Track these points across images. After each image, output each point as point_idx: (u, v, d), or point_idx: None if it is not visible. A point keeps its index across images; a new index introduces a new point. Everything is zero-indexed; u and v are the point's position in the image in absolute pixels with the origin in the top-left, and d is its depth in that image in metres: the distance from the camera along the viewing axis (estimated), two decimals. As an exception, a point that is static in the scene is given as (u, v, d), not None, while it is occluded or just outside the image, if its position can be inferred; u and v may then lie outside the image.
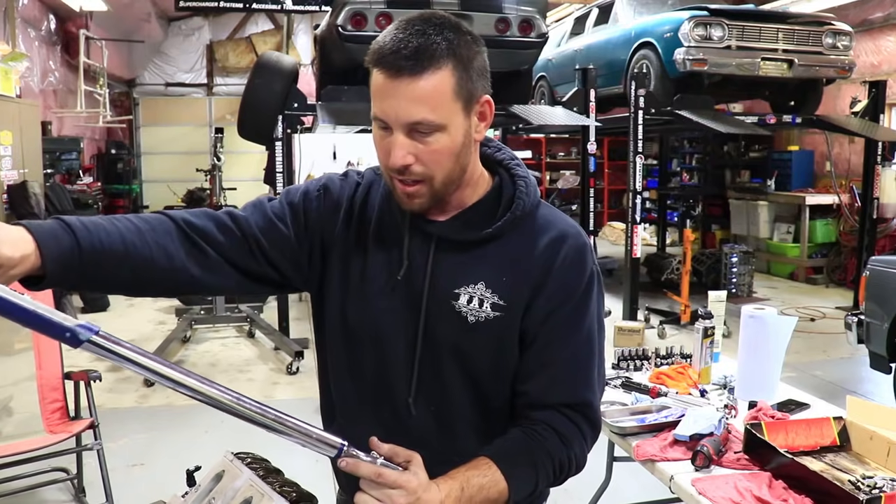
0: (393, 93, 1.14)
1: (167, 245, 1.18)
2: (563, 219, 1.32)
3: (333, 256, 1.32)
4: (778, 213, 10.15)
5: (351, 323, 1.31)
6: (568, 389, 1.27)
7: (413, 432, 1.28)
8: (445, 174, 1.21)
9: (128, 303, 8.37)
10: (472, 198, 1.30)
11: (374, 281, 1.29)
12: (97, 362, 6.01)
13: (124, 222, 1.16)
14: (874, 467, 2.03)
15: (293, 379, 5.70)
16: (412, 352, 1.28)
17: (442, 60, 1.14)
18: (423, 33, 1.15)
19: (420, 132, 1.16)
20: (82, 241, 1.09)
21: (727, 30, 6.57)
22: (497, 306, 1.24)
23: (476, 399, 1.30)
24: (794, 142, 10.81)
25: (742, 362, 2.56)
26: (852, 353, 5.91)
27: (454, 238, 1.27)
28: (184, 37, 13.32)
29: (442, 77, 1.14)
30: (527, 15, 6.41)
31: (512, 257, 1.26)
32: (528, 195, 1.28)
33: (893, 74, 8.95)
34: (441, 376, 1.28)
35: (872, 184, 7.74)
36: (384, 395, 1.31)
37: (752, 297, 8.10)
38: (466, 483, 1.14)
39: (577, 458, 1.28)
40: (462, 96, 1.18)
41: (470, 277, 1.25)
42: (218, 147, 6.39)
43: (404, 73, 1.13)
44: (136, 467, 4.10)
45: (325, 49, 6.80)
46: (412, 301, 1.27)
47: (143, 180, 13.25)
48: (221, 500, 1.25)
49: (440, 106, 1.15)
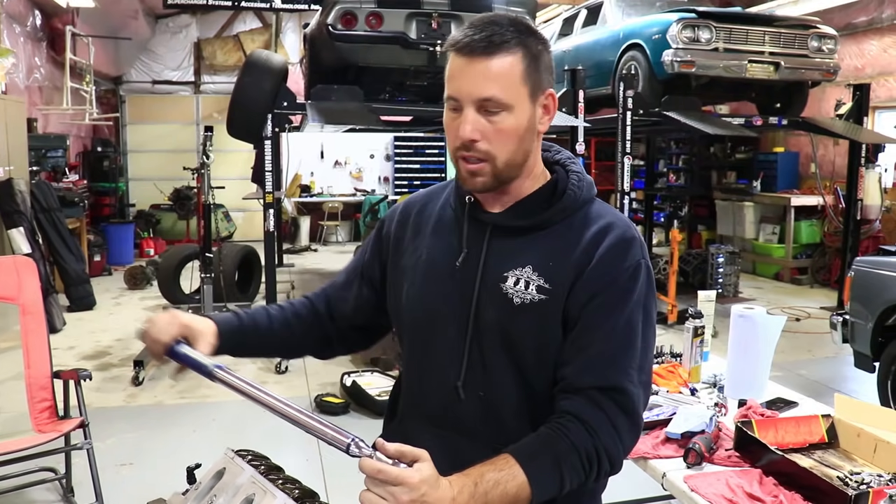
0: (467, 71, 1.25)
1: (304, 335, 1.54)
2: (613, 213, 1.38)
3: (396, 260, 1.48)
4: (763, 214, 10.24)
5: (410, 311, 1.42)
6: (599, 372, 1.25)
7: (462, 418, 1.33)
8: (508, 155, 1.28)
9: (115, 301, 8.33)
10: (528, 190, 1.36)
11: (434, 269, 1.39)
12: (89, 360, 6.01)
13: (279, 319, 1.52)
14: (861, 464, 2.07)
15: (282, 378, 5.69)
16: (463, 336, 1.33)
17: (513, 47, 1.25)
18: (496, 23, 1.26)
19: (488, 110, 1.25)
20: (239, 341, 1.46)
21: (715, 32, 6.62)
22: (542, 289, 1.29)
23: (521, 385, 1.33)
24: (779, 143, 10.91)
25: (732, 361, 2.59)
26: (837, 353, 5.98)
27: (507, 224, 1.35)
28: (171, 34, 13.23)
29: (513, 60, 1.25)
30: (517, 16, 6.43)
31: (560, 244, 1.32)
32: (581, 189, 1.37)
33: (877, 77, 9.05)
34: (489, 361, 1.33)
35: (856, 185, 7.82)
36: (437, 381, 1.37)
37: (739, 297, 8.17)
38: (480, 478, 1.13)
39: (609, 449, 1.23)
40: (529, 83, 1.27)
41: (519, 261, 1.32)
42: (207, 145, 6.35)
43: (477, 53, 1.24)
44: (125, 467, 4.08)
45: (315, 48, 6.79)
46: (466, 287, 1.34)
47: (130, 178, 13.15)
48: (223, 498, 1.25)
49: (509, 86, 1.25)
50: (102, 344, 6.55)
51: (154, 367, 5.78)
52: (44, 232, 7.40)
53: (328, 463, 3.96)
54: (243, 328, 1.46)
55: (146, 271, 9.15)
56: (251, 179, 10.11)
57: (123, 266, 9.89)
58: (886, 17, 9.08)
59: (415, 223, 1.48)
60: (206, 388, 5.42)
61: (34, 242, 7.02)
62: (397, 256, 1.48)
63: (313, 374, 5.70)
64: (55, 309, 6.96)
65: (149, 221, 12.12)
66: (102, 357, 6.16)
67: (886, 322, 4.37)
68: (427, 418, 1.40)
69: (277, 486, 1.22)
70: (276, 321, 1.51)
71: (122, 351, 6.30)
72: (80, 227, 8.96)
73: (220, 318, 1.43)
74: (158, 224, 12.25)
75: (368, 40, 6.17)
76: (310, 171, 13.79)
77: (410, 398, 1.47)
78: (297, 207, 13.44)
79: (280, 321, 1.52)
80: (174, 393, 5.32)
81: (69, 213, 8.32)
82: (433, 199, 1.51)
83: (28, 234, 6.90)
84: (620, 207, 6.96)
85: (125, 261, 10.43)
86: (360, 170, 14.25)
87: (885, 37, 9.13)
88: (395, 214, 1.54)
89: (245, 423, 4.80)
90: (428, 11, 6.22)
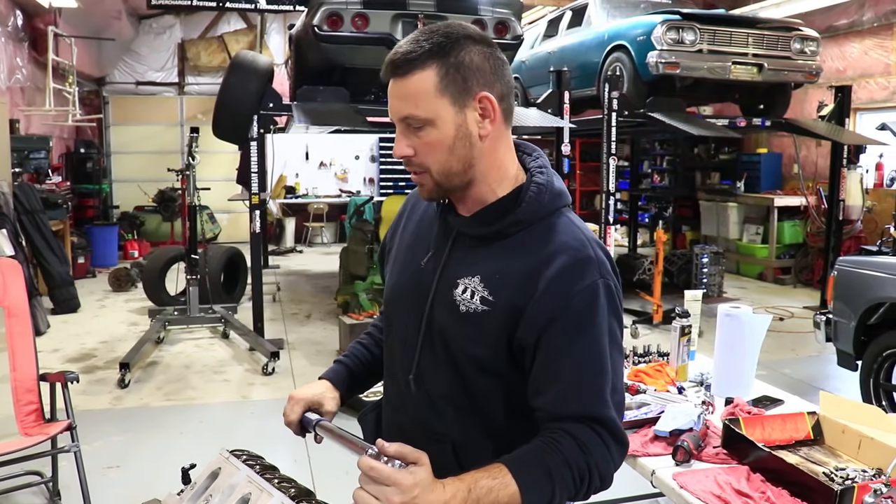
0: (390, 93, 1.32)
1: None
2: (574, 230, 1.34)
3: (389, 249, 1.58)
4: (747, 215, 10.32)
5: (387, 304, 1.52)
6: (578, 404, 1.26)
7: (411, 409, 1.41)
8: (440, 165, 1.31)
9: (99, 304, 8.27)
10: (493, 197, 1.36)
11: (406, 263, 1.45)
12: (74, 363, 5.96)
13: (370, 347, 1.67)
14: (846, 459, 2.10)
15: (268, 380, 5.67)
16: (417, 333, 1.39)
17: (425, 61, 1.27)
18: (416, 41, 1.29)
19: (412, 126, 1.30)
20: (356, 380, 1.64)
21: (699, 34, 6.67)
22: (485, 300, 1.31)
23: (460, 385, 1.36)
24: (762, 144, 11.00)
25: (718, 360, 2.61)
26: (820, 352, 6.04)
27: (468, 232, 1.38)
28: (155, 35, 13.15)
29: (425, 76, 1.27)
30: (502, 17, 6.46)
31: (511, 258, 1.32)
32: (540, 201, 1.34)
33: (858, 79, 9.16)
34: (436, 360, 1.37)
35: (838, 186, 7.90)
36: (396, 371, 1.45)
37: (723, 297, 8.23)
38: (474, 485, 1.15)
39: (599, 466, 1.25)
40: (448, 93, 1.28)
41: (471, 270, 1.35)
42: (193, 146, 6.33)
43: (396, 75, 1.30)
44: (112, 469, 4.06)
45: (301, 49, 6.79)
46: (426, 286, 1.39)
47: (114, 180, 13.06)
48: (218, 498, 1.25)
49: (424, 102, 1.28)
50: (87, 346, 6.51)
51: (139, 370, 5.77)
52: (27, 234, 7.34)
53: (316, 465, 3.96)
54: (352, 372, 1.62)
55: (131, 273, 9.10)
56: (236, 181, 10.10)
57: (108, 268, 9.83)
58: (867, 20, 9.18)
59: (407, 215, 1.57)
60: (193, 391, 5.40)
61: (17, 245, 6.95)
62: (391, 248, 1.58)
63: (300, 376, 5.70)
64: (39, 311, 6.90)
65: (133, 223, 12.04)
66: (87, 360, 6.12)
67: (869, 321, 4.43)
68: (390, 403, 1.51)
69: (273, 486, 1.22)
70: (372, 347, 1.67)
71: (108, 353, 6.27)
72: (63, 229, 8.88)
73: (332, 373, 1.60)
74: (143, 226, 12.18)
75: (354, 41, 6.17)
76: (295, 172, 13.75)
77: (384, 383, 1.57)
78: (282, 209, 13.39)
79: (375, 344, 1.67)
80: (160, 395, 5.29)
81: (52, 214, 8.26)
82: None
83: (11, 236, 6.84)
84: (605, 208, 7.00)
85: (109, 263, 10.36)
86: (345, 171, 14.23)
87: (865, 39, 9.24)
88: (397, 218, 1.62)
89: (232, 424, 4.80)
90: (414, 13, 6.23)
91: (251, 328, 6.43)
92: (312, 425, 1.43)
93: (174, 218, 11.27)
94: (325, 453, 4.05)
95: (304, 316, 7.83)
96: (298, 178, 13.86)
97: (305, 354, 6.33)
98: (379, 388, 1.64)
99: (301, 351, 6.44)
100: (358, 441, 1.27)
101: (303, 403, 1.47)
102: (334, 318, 7.31)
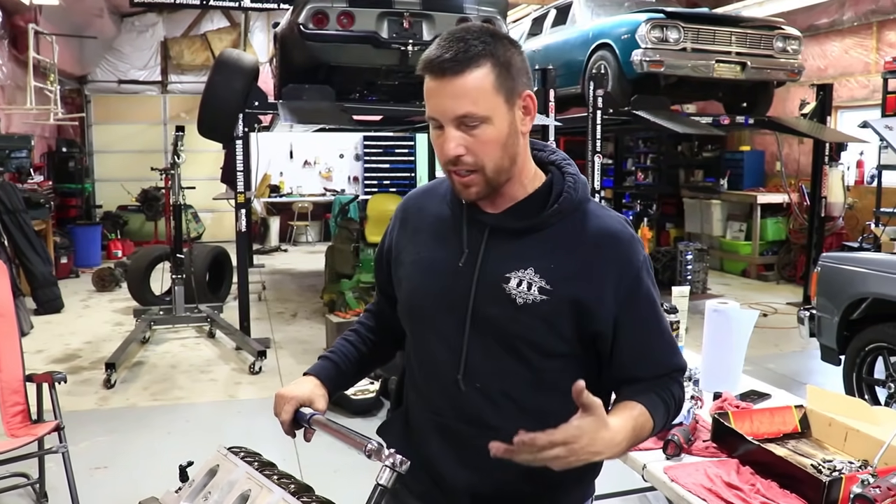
0: (441, 92, 1.30)
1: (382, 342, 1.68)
2: (608, 214, 1.44)
3: (396, 256, 1.55)
4: (730, 212, 10.41)
5: (411, 307, 1.50)
6: (666, 364, 1.44)
7: (462, 407, 1.40)
8: (495, 163, 1.33)
9: (83, 304, 8.21)
10: (524, 193, 1.41)
11: (434, 267, 1.45)
12: (59, 363, 5.91)
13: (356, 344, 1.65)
14: (833, 452, 2.13)
15: (256, 379, 5.66)
16: (461, 332, 1.39)
17: (481, 59, 1.29)
18: (462, 39, 1.29)
19: (468, 125, 1.30)
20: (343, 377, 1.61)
21: (683, 32, 6.71)
22: (543, 290, 1.35)
23: (522, 375, 1.39)
24: (745, 142, 11.09)
25: (706, 355, 2.64)
26: (803, 347, 6.11)
27: (505, 227, 1.40)
28: (137, 33, 13.05)
29: (482, 74, 1.29)
30: (487, 15, 6.47)
31: (559, 246, 1.37)
32: (577, 190, 1.40)
33: (839, 78, 9.25)
34: (489, 354, 1.39)
35: (820, 183, 7.97)
36: (439, 373, 1.43)
37: (707, 294, 8.30)
38: (633, 422, 1.31)
39: (681, 401, 1.46)
40: (503, 91, 1.31)
41: (521, 262, 1.37)
42: (179, 145, 6.29)
43: (448, 74, 1.28)
44: (100, 470, 4.04)
45: (286, 47, 6.76)
46: (464, 285, 1.40)
47: (96, 179, 12.94)
48: (217, 495, 1.26)
49: (483, 100, 1.29)
50: (72, 347, 6.46)
51: (125, 370, 5.75)
52: (9, 234, 7.28)
53: (305, 463, 3.95)
54: (339, 368, 1.60)
55: (115, 273, 9.03)
56: (221, 180, 10.02)
57: (91, 268, 9.76)
58: (847, 20, 9.28)
59: (414, 221, 1.54)
60: (179, 390, 5.38)
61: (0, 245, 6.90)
62: (399, 255, 1.54)
63: (287, 375, 5.69)
64: (22, 312, 6.84)
65: (116, 223, 11.96)
66: (72, 360, 6.08)
67: (851, 316, 4.48)
68: (429, 407, 1.47)
69: (273, 482, 1.23)
70: (358, 344, 1.66)
71: (93, 354, 6.23)
72: (45, 228, 8.81)
73: (319, 369, 1.58)
74: (126, 225, 12.10)
75: (340, 40, 6.16)
76: (279, 171, 13.71)
77: (414, 388, 1.54)
78: (266, 208, 13.35)
79: (362, 342, 1.66)
80: (147, 395, 5.27)
81: (35, 214, 8.19)
82: (431, 196, 1.55)
83: (-7, 236, 6.79)
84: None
85: (93, 263, 10.29)
86: (330, 170, 14.21)
87: (846, 38, 9.34)
88: (395, 222, 1.59)
89: (220, 424, 4.79)
90: (399, 11, 6.23)
91: (237, 327, 6.41)
92: (307, 420, 1.43)
93: (158, 217, 11.19)
94: (314, 451, 4.03)
95: (290, 315, 7.81)
96: (283, 177, 13.82)
97: (292, 353, 6.32)
98: (366, 386, 1.67)
99: (288, 350, 6.42)
100: (354, 434, 1.28)
101: (294, 402, 1.47)
102: (320, 317, 7.30)
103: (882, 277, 4.24)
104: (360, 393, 4.87)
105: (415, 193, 1.61)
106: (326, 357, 1.62)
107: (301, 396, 1.48)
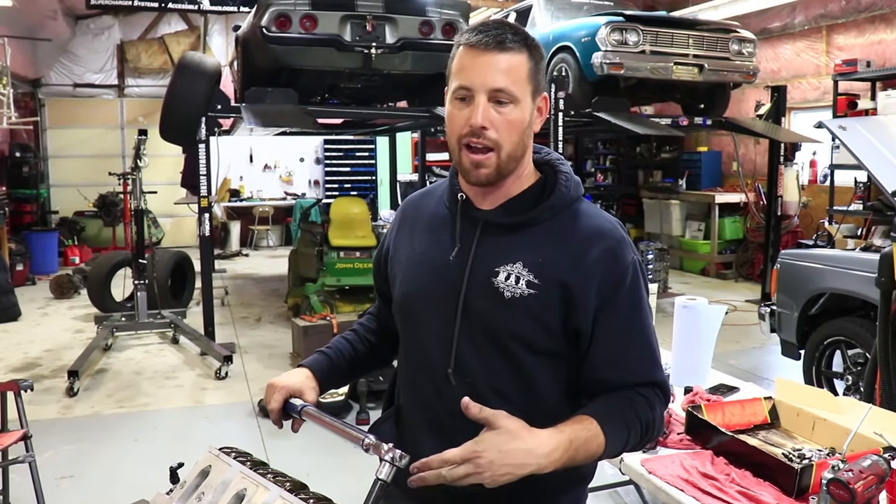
0: (480, 62, 1.34)
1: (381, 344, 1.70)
2: (601, 213, 1.46)
3: (393, 254, 1.57)
4: (689, 212, 10.60)
5: (403, 302, 1.52)
6: (640, 372, 1.40)
7: (454, 402, 1.36)
8: (512, 146, 1.37)
9: (41, 312, 8.04)
10: (518, 189, 1.44)
11: (426, 262, 1.46)
12: (18, 372, 5.78)
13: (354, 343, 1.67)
14: (801, 440, 2.20)
15: (222, 384, 5.60)
16: (452, 326, 1.40)
17: (521, 48, 1.36)
18: (506, 28, 1.37)
19: (499, 101, 1.34)
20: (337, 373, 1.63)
21: (642, 35, 6.82)
22: (532, 284, 1.37)
23: (510, 371, 1.40)
24: (702, 143, 11.30)
25: (677, 350, 2.71)
26: (763, 343, 6.25)
27: (497, 221, 1.42)
28: (93, 36, 12.79)
29: (521, 58, 1.36)
30: (450, 18, 6.49)
31: (548, 242, 1.39)
32: (569, 188, 1.44)
33: (791, 80, 9.48)
34: (479, 349, 1.40)
35: (776, 183, 8.16)
36: (429, 367, 1.45)
37: (668, 293, 8.43)
38: (574, 437, 1.27)
39: (657, 421, 1.40)
40: (532, 83, 1.38)
41: (510, 257, 1.39)
42: (141, 149, 6.20)
43: (492, 48, 1.34)
44: (66, 480, 3.96)
45: (248, 50, 6.70)
46: (456, 279, 1.41)
47: (52, 184, 12.64)
48: (211, 495, 1.25)
49: (519, 81, 1.35)
50: (31, 355, 6.32)
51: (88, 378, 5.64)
52: (-37, 241, 7.10)
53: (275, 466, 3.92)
54: (334, 364, 1.62)
55: (73, 280, 8.86)
56: (181, 184, 9.91)
57: (48, 275, 9.56)
58: (798, 23, 9.53)
59: (411, 219, 1.58)
60: (145, 397, 5.30)
61: (-47, 252, 6.73)
62: (396, 254, 1.57)
63: (254, 379, 5.64)
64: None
65: (73, 229, 11.71)
66: (32, 369, 5.95)
67: (810, 311, 4.61)
68: (421, 403, 1.49)
69: (269, 480, 1.23)
70: (356, 343, 1.68)
71: (54, 362, 6.10)
72: (0, 235, 8.60)
73: (312, 362, 1.60)
74: (83, 231, 11.85)
75: (303, 42, 6.12)
76: (239, 175, 13.58)
77: (405, 386, 1.55)
78: (226, 212, 13.19)
79: (359, 341, 1.68)
80: (112, 402, 5.18)
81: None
82: (429, 197, 1.59)
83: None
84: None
85: (49, 270, 10.07)
86: (290, 173, 14.12)
87: (797, 41, 9.58)
88: (394, 223, 1.63)
89: (187, 430, 4.73)
90: (362, 14, 6.21)
91: (202, 333, 6.34)
92: (297, 410, 1.44)
93: (116, 223, 11.00)
94: (285, 455, 4.03)
95: (255, 319, 7.75)
96: (243, 181, 13.70)
97: (258, 358, 6.27)
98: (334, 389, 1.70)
99: (254, 354, 6.37)
100: (351, 427, 1.30)
101: (284, 391, 1.48)
102: (285, 321, 7.25)
103: (839, 273, 4.37)
104: (328, 396, 4.86)
105: (414, 196, 1.65)
106: (322, 352, 1.63)
107: (291, 387, 1.49)
